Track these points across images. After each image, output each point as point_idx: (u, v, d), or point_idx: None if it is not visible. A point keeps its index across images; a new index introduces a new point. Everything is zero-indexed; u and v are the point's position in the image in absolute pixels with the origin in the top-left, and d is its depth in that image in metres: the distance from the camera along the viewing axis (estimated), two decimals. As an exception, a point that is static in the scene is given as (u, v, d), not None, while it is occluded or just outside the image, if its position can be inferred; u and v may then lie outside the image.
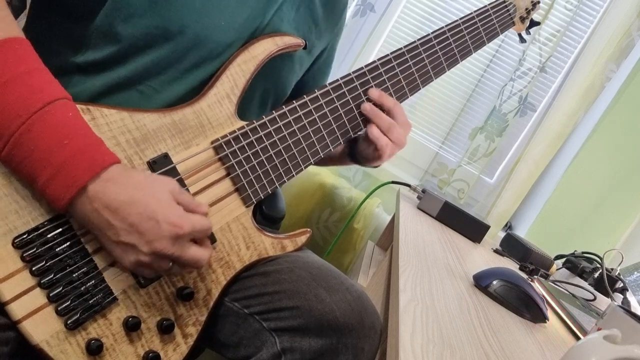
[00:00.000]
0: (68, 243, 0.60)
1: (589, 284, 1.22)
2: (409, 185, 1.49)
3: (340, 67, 1.76)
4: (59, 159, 0.56)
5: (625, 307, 0.70)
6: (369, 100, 0.82)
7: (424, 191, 1.37)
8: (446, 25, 0.87)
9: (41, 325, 0.58)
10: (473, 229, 1.32)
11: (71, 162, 0.56)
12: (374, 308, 0.73)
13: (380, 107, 0.82)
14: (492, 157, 1.75)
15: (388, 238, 1.59)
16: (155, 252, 0.59)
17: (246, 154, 0.73)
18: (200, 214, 0.64)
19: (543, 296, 0.90)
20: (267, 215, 0.97)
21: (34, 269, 0.58)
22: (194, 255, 0.62)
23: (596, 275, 1.24)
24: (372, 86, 0.82)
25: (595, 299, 1.12)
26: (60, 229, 0.60)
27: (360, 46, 1.77)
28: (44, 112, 0.56)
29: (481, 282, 0.86)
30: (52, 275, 0.59)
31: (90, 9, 0.67)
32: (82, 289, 0.61)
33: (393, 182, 1.57)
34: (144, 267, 0.61)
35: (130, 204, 0.57)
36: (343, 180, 1.76)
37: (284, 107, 0.75)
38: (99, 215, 0.57)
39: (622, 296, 1.20)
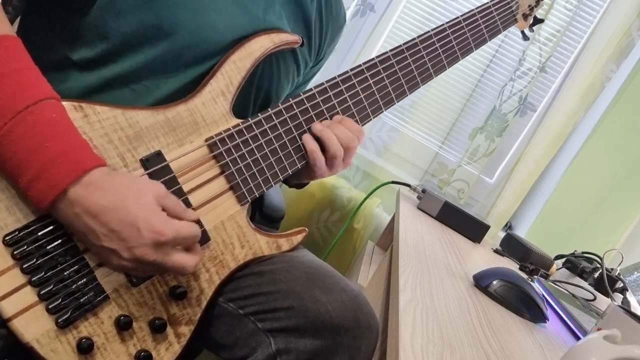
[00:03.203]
0: (59, 241, 0.59)
1: (589, 284, 1.21)
2: (409, 185, 1.49)
3: (340, 68, 1.76)
4: (40, 161, 0.55)
5: (625, 307, 0.69)
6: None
7: (424, 191, 1.37)
8: (447, 22, 0.86)
9: (32, 323, 0.58)
10: (473, 229, 1.31)
11: (52, 165, 0.55)
12: (371, 308, 0.73)
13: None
14: (492, 157, 1.74)
15: (388, 238, 1.58)
16: (137, 259, 0.58)
17: (241, 152, 0.72)
18: (187, 220, 0.62)
19: (543, 296, 0.90)
20: (266, 215, 0.96)
21: (24, 266, 0.57)
22: (177, 262, 0.60)
23: (596, 275, 1.23)
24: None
25: (595, 299, 1.11)
26: (51, 227, 0.59)
27: (360, 46, 1.77)
28: (27, 112, 0.55)
29: (481, 282, 0.85)
30: (42, 274, 0.58)
31: (84, 3, 0.67)
32: (73, 287, 0.60)
33: (393, 182, 1.56)
34: (129, 270, 0.61)
35: (112, 209, 0.56)
36: (343, 180, 1.76)
37: (279, 104, 0.75)
38: (80, 220, 0.56)
39: (622, 296, 1.19)
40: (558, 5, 1.68)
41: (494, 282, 0.84)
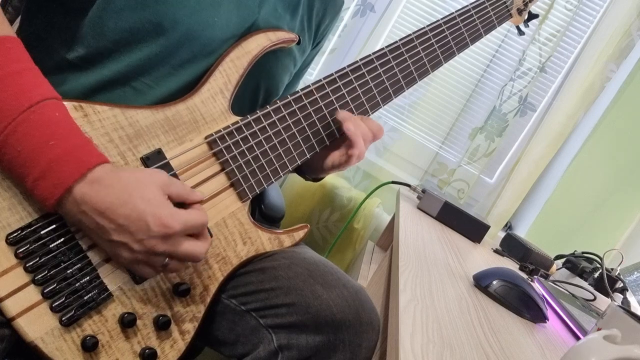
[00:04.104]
0: (62, 239, 0.60)
1: (589, 284, 1.21)
2: (409, 185, 1.49)
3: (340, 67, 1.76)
4: (45, 159, 0.55)
5: (625, 307, 0.69)
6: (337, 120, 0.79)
7: (424, 191, 1.37)
8: (442, 18, 0.87)
9: (36, 321, 0.58)
10: (473, 229, 1.31)
11: (57, 163, 0.55)
12: (372, 304, 0.73)
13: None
14: (492, 157, 1.74)
15: (388, 238, 1.58)
16: (147, 250, 0.58)
17: (240, 149, 0.72)
18: (193, 203, 0.63)
19: (543, 296, 0.90)
20: (266, 215, 0.96)
21: (27, 265, 0.57)
22: (188, 250, 0.61)
23: (596, 275, 1.23)
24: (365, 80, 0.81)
25: (595, 299, 1.12)
26: (54, 225, 0.59)
27: (360, 46, 1.77)
28: (31, 112, 0.55)
29: (481, 282, 0.85)
30: (46, 272, 0.58)
31: (83, 3, 0.67)
32: (76, 285, 0.60)
33: (393, 182, 1.56)
34: (140, 264, 0.61)
35: (119, 205, 0.57)
36: (343, 180, 1.76)
37: (278, 101, 0.75)
38: (88, 218, 0.57)
39: (622, 296, 1.20)
40: (558, 5, 1.69)
41: (494, 282, 0.84)
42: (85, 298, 0.61)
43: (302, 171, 0.91)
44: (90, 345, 0.60)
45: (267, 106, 0.74)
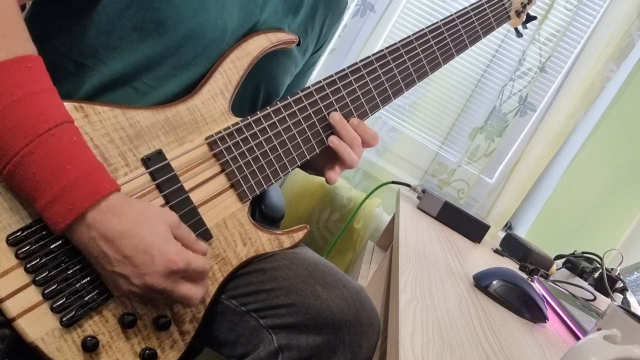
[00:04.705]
0: (63, 240, 0.59)
1: (589, 284, 1.22)
2: (409, 185, 1.49)
3: (340, 67, 1.76)
4: (59, 184, 0.55)
5: (625, 307, 0.69)
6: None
7: (424, 191, 1.37)
8: (441, 20, 0.87)
9: (36, 322, 0.58)
10: (473, 229, 1.31)
11: (71, 188, 0.55)
12: (372, 304, 0.73)
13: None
14: (492, 157, 1.74)
15: (388, 238, 1.58)
16: (147, 286, 0.58)
17: (241, 150, 0.72)
18: (198, 252, 0.63)
19: (543, 296, 0.90)
20: (266, 215, 0.96)
21: (28, 266, 0.57)
22: (185, 293, 0.61)
23: (596, 275, 1.23)
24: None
25: (595, 299, 1.12)
26: (55, 226, 0.59)
27: (360, 46, 1.77)
28: (49, 135, 0.55)
29: (481, 282, 0.85)
30: (46, 273, 0.58)
31: (87, 2, 0.67)
32: (77, 285, 0.60)
33: (393, 182, 1.56)
34: (137, 297, 0.61)
35: (127, 236, 0.57)
36: (343, 180, 1.76)
37: (278, 102, 0.75)
38: (95, 244, 0.57)
39: (622, 296, 1.20)
40: (558, 5, 1.69)
41: (494, 282, 0.84)
42: (86, 299, 0.61)
43: (303, 166, 0.91)
44: (90, 345, 0.60)
45: (268, 107, 0.74)
